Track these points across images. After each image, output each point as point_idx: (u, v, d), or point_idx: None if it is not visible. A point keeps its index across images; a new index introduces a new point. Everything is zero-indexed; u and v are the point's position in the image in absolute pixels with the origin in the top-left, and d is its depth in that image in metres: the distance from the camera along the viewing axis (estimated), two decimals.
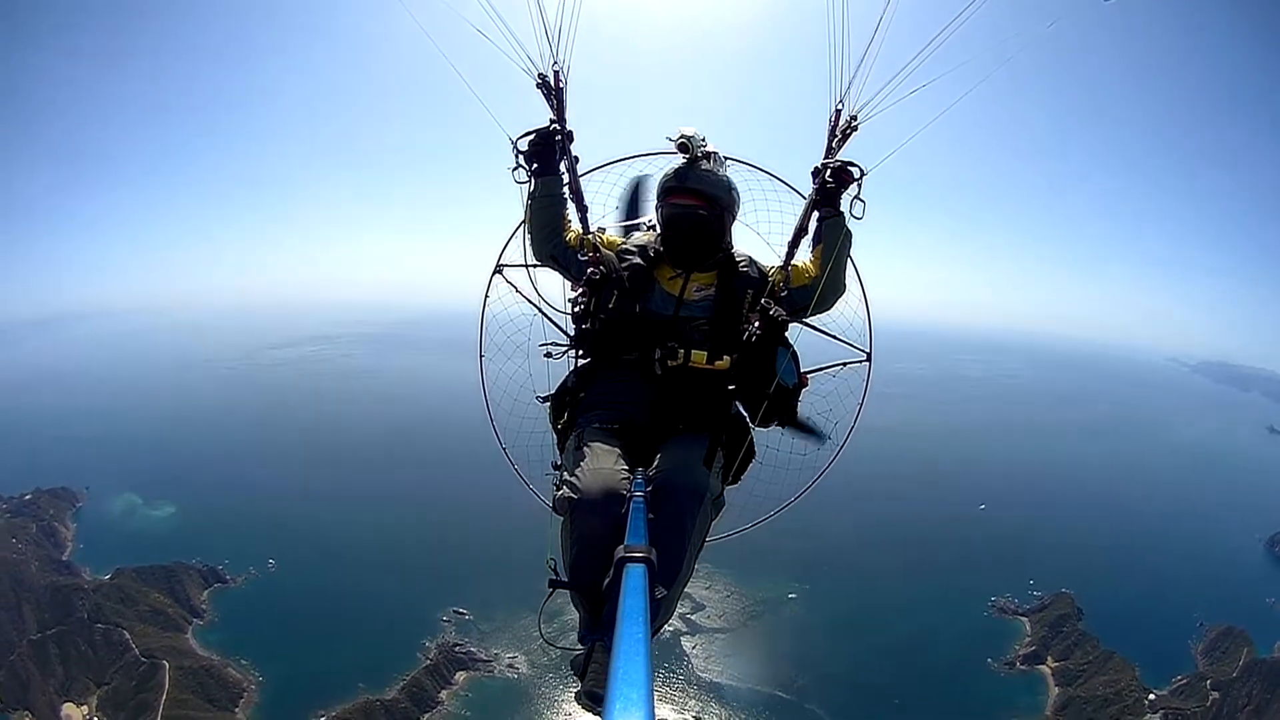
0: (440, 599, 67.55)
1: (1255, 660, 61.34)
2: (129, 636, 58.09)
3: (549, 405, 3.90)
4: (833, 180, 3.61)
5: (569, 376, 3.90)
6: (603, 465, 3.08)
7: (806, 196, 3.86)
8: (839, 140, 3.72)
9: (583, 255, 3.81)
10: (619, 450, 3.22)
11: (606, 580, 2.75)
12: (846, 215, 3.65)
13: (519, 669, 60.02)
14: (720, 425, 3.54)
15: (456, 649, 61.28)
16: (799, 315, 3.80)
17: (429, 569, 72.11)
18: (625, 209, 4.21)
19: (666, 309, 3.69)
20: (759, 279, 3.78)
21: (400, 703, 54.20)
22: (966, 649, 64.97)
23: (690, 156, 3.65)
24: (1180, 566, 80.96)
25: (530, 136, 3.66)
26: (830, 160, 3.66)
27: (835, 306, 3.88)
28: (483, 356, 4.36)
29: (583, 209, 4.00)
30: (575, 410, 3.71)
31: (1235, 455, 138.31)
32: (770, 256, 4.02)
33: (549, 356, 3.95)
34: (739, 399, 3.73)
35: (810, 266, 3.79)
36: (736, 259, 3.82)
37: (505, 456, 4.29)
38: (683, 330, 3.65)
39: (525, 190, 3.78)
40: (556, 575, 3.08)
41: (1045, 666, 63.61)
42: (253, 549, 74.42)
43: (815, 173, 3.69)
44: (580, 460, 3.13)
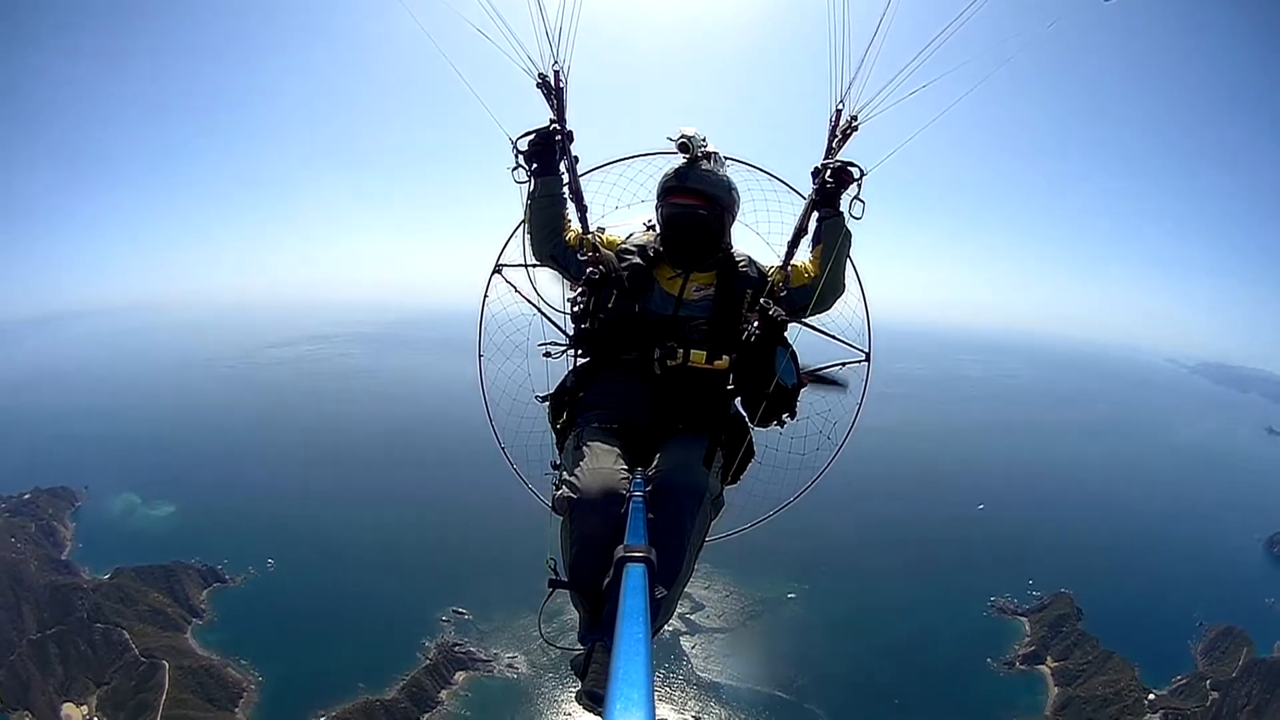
0: (440, 599, 67.57)
1: (1255, 660, 61.40)
2: (128, 636, 58.10)
3: (548, 405, 3.90)
4: (832, 180, 3.62)
5: (568, 376, 3.90)
6: (602, 465, 3.08)
7: (806, 196, 3.85)
8: (839, 140, 3.72)
9: (582, 255, 3.81)
10: (618, 450, 3.22)
11: (606, 580, 2.74)
12: (846, 215, 3.65)
13: (518, 669, 60.06)
14: (719, 425, 3.54)
15: (456, 649, 61.32)
16: (798, 315, 3.80)
17: (428, 569, 72.11)
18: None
19: (666, 309, 3.69)
20: (758, 279, 3.78)
21: (400, 703, 54.25)
22: (966, 649, 65.01)
23: (690, 156, 3.65)
24: (1180, 566, 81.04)
25: (530, 136, 3.66)
26: (830, 160, 3.66)
27: (835, 306, 3.88)
28: (482, 356, 4.36)
29: (582, 209, 3.99)
30: (574, 410, 3.71)
31: (1234, 456, 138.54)
32: (770, 256, 4.03)
33: (548, 356, 3.95)
34: (738, 399, 3.73)
35: (810, 266, 3.79)
36: (736, 259, 3.82)
37: (504, 456, 4.29)
38: (682, 330, 3.65)
39: (525, 190, 3.78)
40: (556, 575, 3.08)
41: (1045, 666, 63.66)
42: (252, 548, 74.45)
43: (815, 173, 3.70)
44: (580, 460, 3.13)
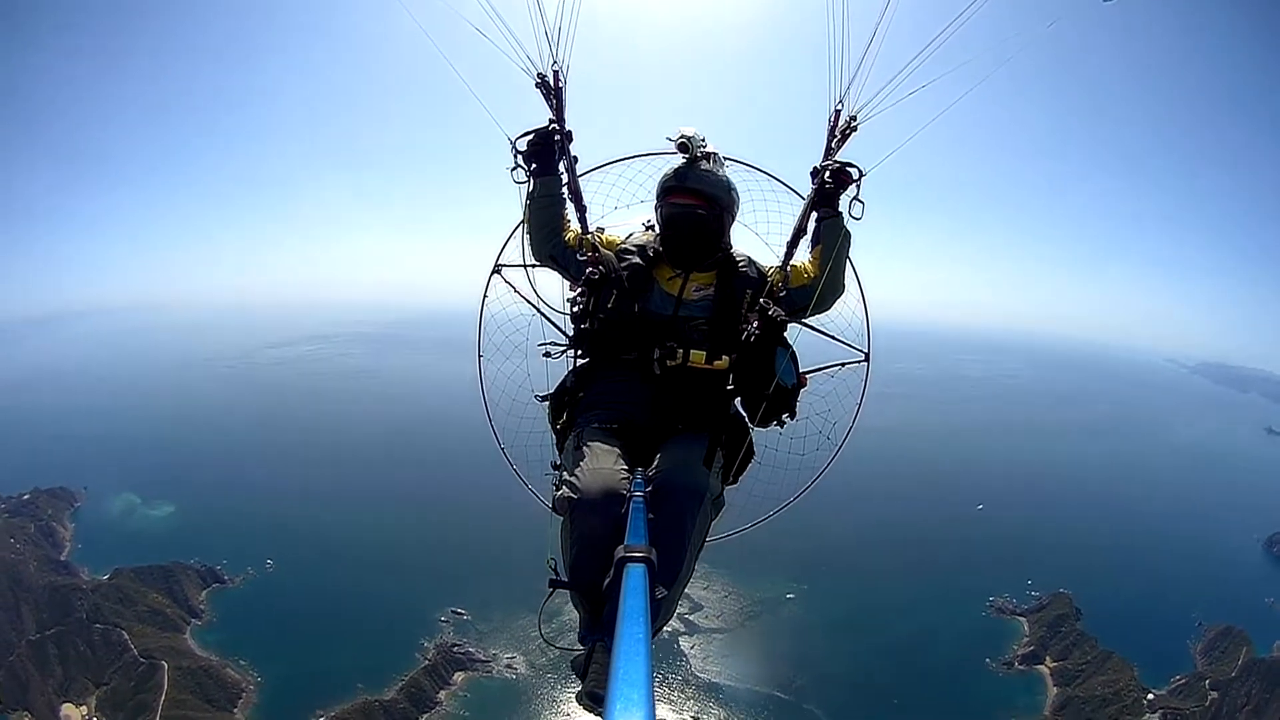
0: (439, 599, 67.55)
1: (1254, 660, 61.45)
2: (128, 637, 58.06)
3: (548, 405, 3.90)
4: (832, 181, 3.62)
5: (568, 376, 3.90)
6: (602, 465, 3.07)
7: (805, 197, 3.85)
8: (838, 141, 3.71)
9: (582, 255, 3.81)
10: (618, 450, 3.21)
11: (606, 580, 2.74)
12: (845, 216, 3.65)
13: (517, 669, 60.04)
14: (719, 425, 3.54)
15: (455, 649, 61.31)
16: (798, 315, 3.80)
17: (428, 569, 72.09)
18: None
19: (665, 309, 3.68)
20: (758, 279, 3.78)
21: (399, 703, 54.24)
22: (965, 649, 65.04)
23: (690, 156, 3.65)
24: (1179, 566, 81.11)
25: (529, 136, 3.65)
26: (829, 161, 3.66)
27: (834, 307, 3.88)
28: (481, 356, 4.35)
29: (582, 209, 3.99)
30: (574, 410, 3.71)
31: (1234, 456, 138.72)
32: (769, 257, 4.03)
33: (548, 356, 3.95)
34: (738, 399, 3.74)
35: (809, 267, 3.79)
36: (736, 259, 3.82)
37: (504, 456, 4.28)
38: (682, 330, 3.65)
39: (524, 190, 3.77)
40: (556, 575, 3.07)
41: (1044, 666, 63.69)
42: (251, 549, 74.40)
43: (814, 173, 3.70)
44: (580, 460, 3.12)
